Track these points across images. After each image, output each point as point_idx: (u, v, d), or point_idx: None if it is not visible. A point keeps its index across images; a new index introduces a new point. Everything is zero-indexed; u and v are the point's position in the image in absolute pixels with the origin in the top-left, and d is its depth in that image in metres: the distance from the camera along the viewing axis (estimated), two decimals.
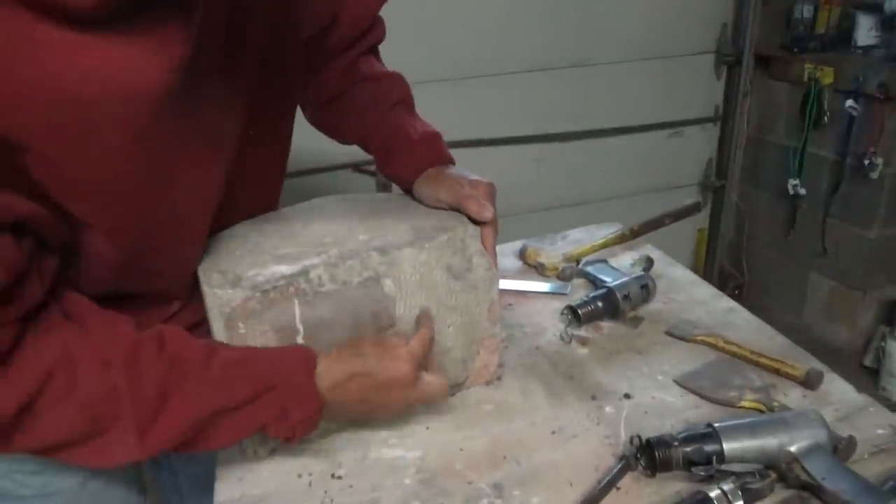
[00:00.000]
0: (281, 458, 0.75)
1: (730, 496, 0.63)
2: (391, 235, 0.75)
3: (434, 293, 0.76)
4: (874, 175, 2.00)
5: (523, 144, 2.24)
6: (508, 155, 2.22)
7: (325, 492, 0.70)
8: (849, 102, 2.00)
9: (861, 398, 0.80)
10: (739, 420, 0.70)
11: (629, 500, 0.67)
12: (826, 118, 2.11)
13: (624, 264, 1.11)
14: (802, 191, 2.24)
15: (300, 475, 0.73)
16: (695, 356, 0.89)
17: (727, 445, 0.66)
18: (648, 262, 1.09)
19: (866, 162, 1.99)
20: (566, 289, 1.06)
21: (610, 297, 0.95)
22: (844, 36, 2.13)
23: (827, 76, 2.07)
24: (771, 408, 0.77)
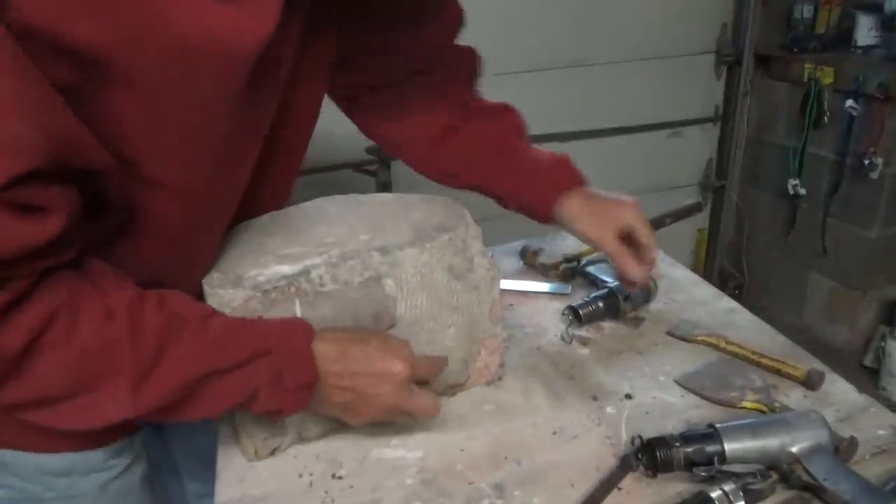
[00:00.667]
0: (281, 458, 0.75)
1: (731, 497, 0.62)
2: (392, 235, 0.75)
3: (435, 293, 0.76)
4: (874, 175, 2.00)
5: None
6: None
7: (326, 492, 0.70)
8: (849, 102, 2.01)
9: (862, 399, 0.80)
10: (741, 420, 0.70)
11: (630, 501, 0.67)
12: (826, 118, 2.11)
13: None
14: (802, 191, 2.24)
15: (301, 475, 0.73)
16: (696, 356, 0.89)
17: (728, 446, 0.66)
18: None
19: (866, 162, 1.99)
20: (567, 289, 1.07)
21: (611, 298, 0.95)
22: (844, 36, 2.13)
23: (827, 76, 2.07)
24: (772, 408, 0.77)
